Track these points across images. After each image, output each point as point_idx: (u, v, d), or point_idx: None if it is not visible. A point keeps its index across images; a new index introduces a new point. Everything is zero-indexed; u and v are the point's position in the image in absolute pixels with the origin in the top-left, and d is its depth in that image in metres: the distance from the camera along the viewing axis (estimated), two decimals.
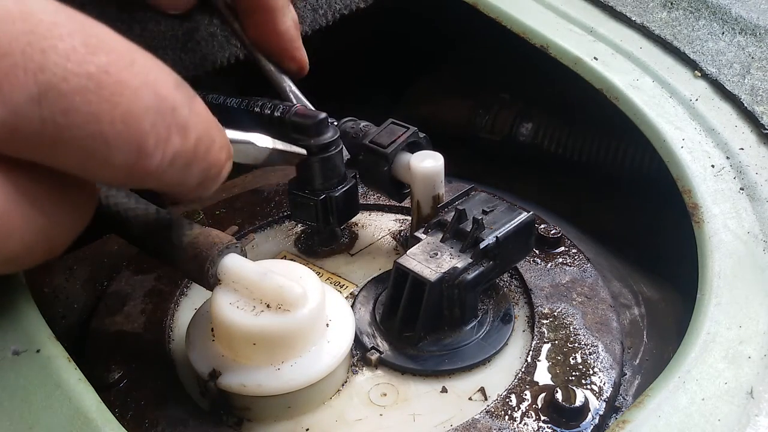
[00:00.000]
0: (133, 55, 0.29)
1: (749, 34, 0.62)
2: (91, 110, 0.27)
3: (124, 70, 0.28)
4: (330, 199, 0.50)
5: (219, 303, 0.39)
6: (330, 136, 0.48)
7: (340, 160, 0.50)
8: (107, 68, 0.27)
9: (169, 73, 0.31)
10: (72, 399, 0.34)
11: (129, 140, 0.28)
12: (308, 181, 0.49)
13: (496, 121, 0.73)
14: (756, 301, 0.41)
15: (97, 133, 0.27)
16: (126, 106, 0.28)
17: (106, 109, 0.27)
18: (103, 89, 0.27)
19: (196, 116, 0.32)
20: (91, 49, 0.27)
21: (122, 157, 0.29)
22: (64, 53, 0.26)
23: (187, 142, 0.31)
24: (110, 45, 0.28)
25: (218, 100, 0.53)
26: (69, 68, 0.26)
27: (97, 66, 0.27)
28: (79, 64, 0.26)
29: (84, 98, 0.27)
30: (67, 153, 0.28)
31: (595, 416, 0.40)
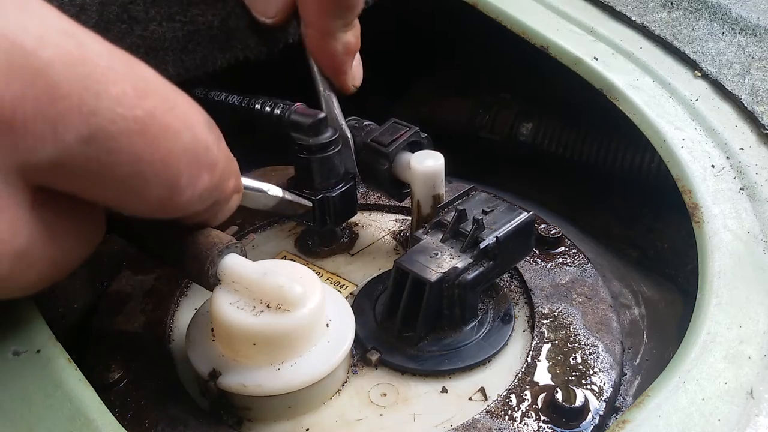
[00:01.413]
0: (175, 98, 0.31)
1: (749, 34, 0.62)
2: (135, 151, 0.28)
3: (167, 113, 0.29)
4: (327, 199, 0.50)
5: (219, 303, 0.39)
6: (329, 136, 0.48)
7: (339, 161, 0.50)
8: (153, 112, 0.29)
9: (201, 113, 0.33)
10: (72, 399, 0.34)
11: (165, 178, 0.30)
12: (306, 180, 0.49)
13: (497, 121, 0.73)
14: (756, 301, 0.41)
15: (138, 171, 0.29)
16: (166, 148, 0.30)
17: (148, 150, 0.29)
18: (147, 132, 0.29)
19: (222, 153, 0.34)
20: (140, 93, 0.28)
21: (156, 193, 0.30)
22: (115, 98, 0.27)
23: (214, 178, 0.33)
24: (156, 88, 0.30)
25: (219, 97, 0.53)
26: (119, 112, 0.27)
27: (144, 110, 0.28)
28: (128, 108, 0.28)
29: (129, 140, 0.28)
30: (105, 188, 0.30)
31: (595, 416, 0.40)
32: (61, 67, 0.26)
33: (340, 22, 0.50)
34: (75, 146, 0.27)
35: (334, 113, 0.52)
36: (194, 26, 0.54)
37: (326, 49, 0.51)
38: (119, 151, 0.28)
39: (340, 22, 0.50)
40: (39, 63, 0.25)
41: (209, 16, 0.54)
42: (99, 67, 0.27)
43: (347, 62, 0.52)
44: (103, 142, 0.27)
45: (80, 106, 0.26)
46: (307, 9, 0.50)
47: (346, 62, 0.52)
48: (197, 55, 0.54)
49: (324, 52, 0.51)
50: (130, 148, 0.28)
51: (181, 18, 0.53)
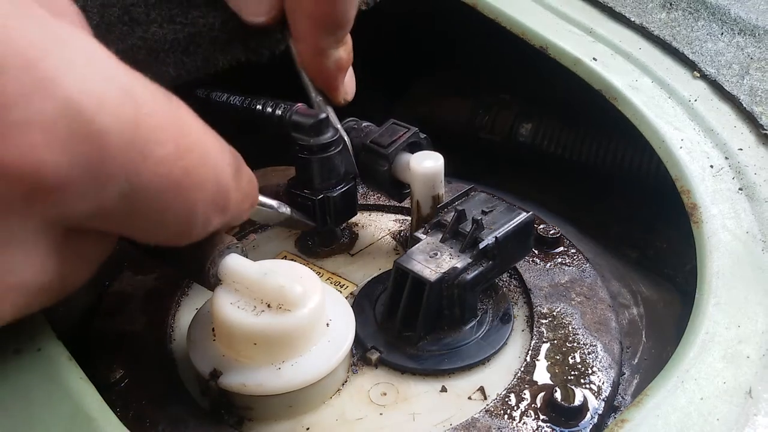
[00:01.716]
0: (210, 148, 0.32)
1: (748, 35, 0.62)
2: (164, 202, 0.30)
3: (200, 168, 0.31)
4: (328, 200, 0.50)
5: (220, 303, 0.39)
6: (330, 137, 0.49)
7: (340, 161, 0.50)
8: (189, 168, 0.30)
9: (229, 156, 0.34)
10: (73, 398, 0.34)
11: (184, 222, 0.32)
12: (307, 180, 0.50)
13: (496, 122, 0.73)
14: (755, 301, 0.42)
15: (162, 218, 0.31)
16: (193, 199, 0.31)
17: (176, 202, 0.30)
18: (180, 187, 0.30)
19: (240, 194, 0.36)
20: (181, 152, 0.29)
21: (170, 232, 0.32)
22: (160, 159, 0.28)
23: (226, 217, 0.35)
24: (195, 142, 0.31)
25: (221, 98, 0.54)
26: (159, 172, 0.28)
27: (181, 168, 0.29)
28: (168, 168, 0.29)
29: (162, 194, 0.29)
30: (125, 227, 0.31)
31: (594, 415, 0.40)
32: (116, 133, 0.26)
33: (332, 39, 0.50)
34: (112, 200, 0.28)
35: (330, 116, 0.52)
36: (195, 28, 0.54)
37: (318, 66, 0.51)
38: (150, 203, 0.29)
39: (331, 39, 0.50)
40: (96, 130, 0.26)
41: (210, 18, 0.54)
42: (149, 129, 0.28)
43: (339, 78, 0.52)
44: (139, 196, 0.28)
45: (126, 168, 0.27)
46: (298, 26, 0.49)
47: (338, 78, 0.52)
48: (198, 57, 0.54)
49: (316, 69, 0.51)
50: (161, 201, 0.29)
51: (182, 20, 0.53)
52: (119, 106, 0.26)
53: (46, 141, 0.24)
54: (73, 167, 0.25)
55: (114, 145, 0.26)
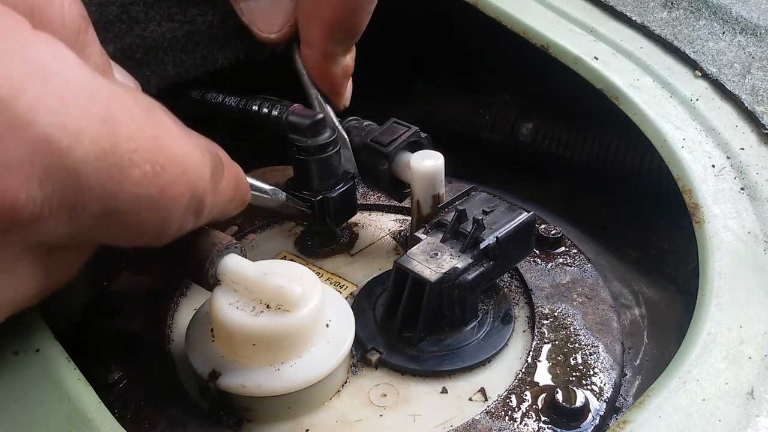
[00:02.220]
0: (188, 158, 0.31)
1: (750, 34, 0.62)
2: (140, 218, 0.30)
3: (176, 181, 0.30)
4: (327, 200, 0.50)
5: (219, 303, 0.39)
6: (327, 137, 0.48)
7: (338, 161, 0.50)
8: (165, 186, 0.29)
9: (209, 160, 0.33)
10: (71, 399, 0.34)
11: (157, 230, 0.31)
12: (306, 181, 0.49)
13: (497, 121, 0.73)
14: (756, 302, 0.41)
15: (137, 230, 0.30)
16: (166, 213, 0.31)
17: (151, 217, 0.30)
18: (156, 203, 0.30)
19: (217, 196, 0.35)
20: (158, 170, 0.29)
21: (145, 239, 0.32)
22: (135, 180, 0.28)
23: (201, 219, 0.34)
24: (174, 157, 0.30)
25: (216, 99, 0.53)
26: (135, 193, 0.28)
27: (158, 187, 0.29)
28: (144, 188, 0.29)
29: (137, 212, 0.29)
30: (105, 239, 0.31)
31: (596, 417, 0.40)
32: (92, 162, 0.26)
33: (342, 47, 0.50)
34: (89, 222, 0.28)
35: (329, 115, 0.52)
36: (194, 26, 0.54)
37: (325, 72, 0.51)
38: (126, 220, 0.29)
39: (341, 47, 0.50)
40: (72, 162, 0.26)
41: (209, 16, 0.54)
42: (126, 152, 0.27)
43: (344, 84, 0.52)
44: (114, 216, 0.28)
45: (102, 194, 0.27)
46: (310, 32, 0.49)
47: (343, 84, 0.52)
48: (197, 55, 0.54)
49: (323, 75, 0.51)
50: (137, 217, 0.29)
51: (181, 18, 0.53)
52: (96, 136, 0.26)
53: (21, 179, 0.25)
54: (49, 200, 0.26)
55: (90, 175, 0.26)
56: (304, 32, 0.50)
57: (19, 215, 0.25)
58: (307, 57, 0.51)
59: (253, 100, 0.51)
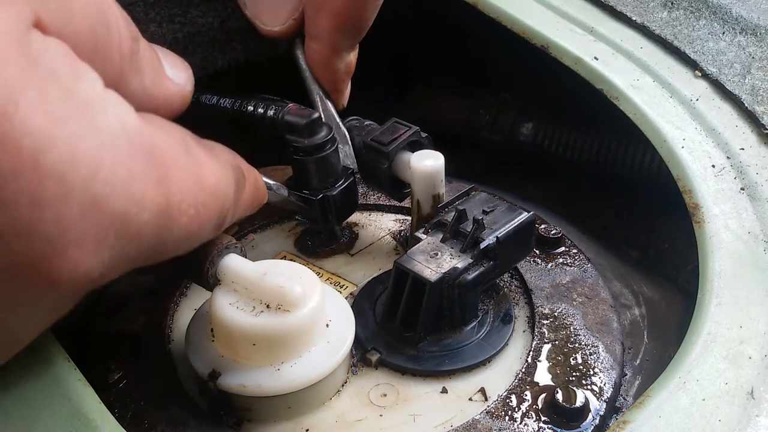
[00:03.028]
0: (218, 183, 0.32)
1: (750, 34, 0.62)
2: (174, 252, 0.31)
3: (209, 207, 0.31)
4: (328, 199, 0.49)
5: (219, 303, 0.39)
6: (324, 135, 0.48)
7: (336, 159, 0.49)
8: (203, 220, 0.31)
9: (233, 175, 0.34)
10: (71, 399, 0.34)
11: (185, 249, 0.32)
12: (305, 181, 0.49)
13: (497, 121, 0.73)
14: (756, 302, 0.41)
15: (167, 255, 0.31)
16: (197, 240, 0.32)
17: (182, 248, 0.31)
18: (193, 237, 0.31)
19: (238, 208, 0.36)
20: (200, 210, 0.30)
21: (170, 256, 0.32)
22: (183, 225, 0.29)
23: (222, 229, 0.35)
24: (210, 191, 0.31)
25: (211, 100, 0.53)
26: (181, 234, 0.30)
27: (198, 224, 0.30)
28: (188, 230, 0.30)
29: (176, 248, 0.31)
30: None
31: (596, 417, 0.40)
32: (152, 222, 0.27)
33: (349, 42, 0.50)
34: (138, 263, 0.29)
35: (329, 111, 0.52)
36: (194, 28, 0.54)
37: (329, 67, 0.51)
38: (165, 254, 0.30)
39: (348, 42, 0.50)
40: (137, 227, 0.27)
41: (209, 18, 0.54)
42: (176, 204, 0.29)
43: (346, 82, 0.52)
44: (158, 254, 0.30)
45: (156, 244, 0.28)
46: (318, 25, 0.49)
47: (345, 82, 0.52)
48: (197, 57, 0.54)
49: (327, 70, 0.51)
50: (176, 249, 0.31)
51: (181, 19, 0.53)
52: (155, 198, 0.27)
53: (95, 249, 0.26)
54: (113, 260, 0.27)
55: (149, 233, 0.28)
56: (311, 25, 0.50)
57: (90, 279, 0.26)
58: (313, 51, 0.51)
59: (248, 101, 0.51)
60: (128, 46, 0.31)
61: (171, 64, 0.37)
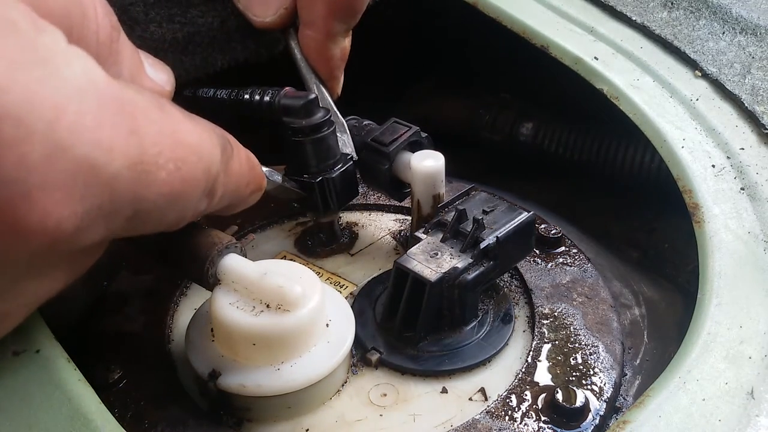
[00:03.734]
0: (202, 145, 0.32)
1: (750, 34, 0.62)
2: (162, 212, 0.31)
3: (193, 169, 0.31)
4: (327, 181, 0.49)
5: (219, 303, 0.39)
6: (321, 116, 0.48)
7: (334, 141, 0.49)
8: (185, 177, 0.30)
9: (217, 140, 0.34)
10: (71, 399, 0.34)
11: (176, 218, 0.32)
12: (303, 164, 0.49)
13: (497, 121, 0.73)
14: (756, 301, 0.41)
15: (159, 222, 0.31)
16: (186, 201, 0.32)
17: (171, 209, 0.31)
18: (177, 197, 0.30)
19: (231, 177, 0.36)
20: (180, 165, 0.30)
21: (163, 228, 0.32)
22: (162, 181, 0.29)
23: (214, 201, 0.35)
24: (190, 148, 0.31)
25: (208, 93, 0.53)
26: (161, 191, 0.29)
27: (180, 180, 0.30)
28: (170, 186, 0.30)
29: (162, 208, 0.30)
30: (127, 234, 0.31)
31: (596, 417, 0.40)
32: (125, 174, 0.27)
33: (344, 26, 0.50)
34: (120, 224, 0.29)
35: (326, 99, 0.51)
36: (194, 27, 0.54)
37: (324, 53, 0.51)
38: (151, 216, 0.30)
39: (343, 27, 0.50)
40: (107, 177, 0.27)
41: (209, 18, 0.54)
42: (152, 158, 0.29)
43: (341, 68, 0.53)
44: (142, 215, 0.29)
45: (132, 199, 0.28)
46: (312, 10, 0.49)
47: (340, 68, 0.52)
48: (197, 57, 0.54)
49: (322, 56, 0.51)
50: (161, 211, 0.30)
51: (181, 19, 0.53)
52: (126, 148, 0.27)
53: (64, 198, 0.26)
54: (88, 213, 0.27)
55: (123, 184, 0.27)
56: (306, 12, 0.50)
57: (63, 231, 0.26)
58: (308, 37, 0.51)
59: (244, 90, 0.51)
60: (107, 34, 0.32)
61: (151, 64, 0.38)
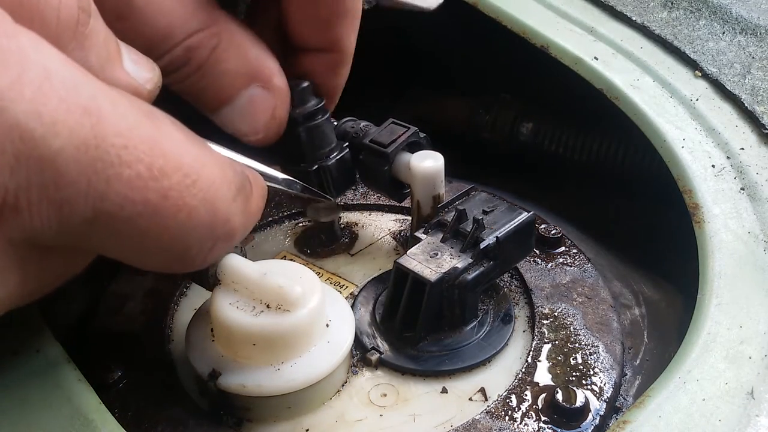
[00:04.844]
0: (200, 170, 0.29)
1: (750, 34, 0.62)
2: (140, 230, 0.28)
3: (184, 192, 0.28)
4: (323, 169, 0.48)
5: (219, 303, 0.39)
6: (315, 104, 0.47)
7: (330, 130, 0.49)
8: (167, 193, 0.28)
9: (232, 177, 0.31)
10: (71, 399, 0.34)
11: (172, 251, 0.29)
12: (298, 155, 0.48)
13: (497, 121, 0.73)
14: (757, 301, 0.41)
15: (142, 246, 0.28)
16: (176, 227, 0.28)
17: (155, 230, 0.28)
18: (157, 214, 0.27)
19: (248, 217, 0.33)
20: (156, 174, 0.27)
21: (161, 259, 0.30)
22: (127, 181, 0.26)
23: (232, 243, 0.32)
24: (177, 163, 0.28)
25: None
26: (128, 196, 0.26)
27: (157, 192, 0.27)
28: (139, 192, 0.27)
29: (135, 223, 0.27)
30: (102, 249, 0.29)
31: (596, 417, 0.40)
32: (72, 154, 0.25)
33: None
34: (78, 226, 0.26)
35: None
36: None
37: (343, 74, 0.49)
38: (122, 228, 0.27)
39: None
40: (47, 152, 0.24)
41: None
42: (114, 148, 0.26)
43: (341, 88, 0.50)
44: (108, 224, 0.27)
45: (87, 192, 0.26)
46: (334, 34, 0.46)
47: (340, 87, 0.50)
48: None
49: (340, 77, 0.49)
50: (135, 226, 0.28)
51: None
52: (76, 125, 0.25)
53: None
54: (25, 191, 0.25)
55: (70, 168, 0.25)
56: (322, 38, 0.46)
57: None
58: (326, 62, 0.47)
59: None
60: (71, 14, 0.29)
61: (134, 59, 0.34)
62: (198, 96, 0.41)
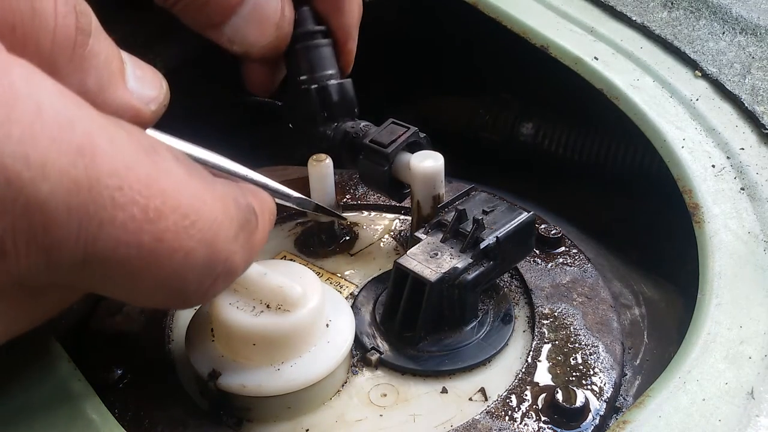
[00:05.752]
0: (199, 209, 0.28)
1: (750, 34, 0.62)
2: (133, 272, 0.26)
3: (181, 233, 0.27)
4: (324, 89, 0.47)
5: (219, 303, 0.39)
6: (314, 26, 0.47)
7: (331, 56, 0.48)
8: (162, 235, 0.26)
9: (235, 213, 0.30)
10: (72, 399, 0.34)
11: (167, 291, 0.28)
12: (297, 74, 0.47)
13: (497, 121, 0.73)
14: (756, 301, 0.41)
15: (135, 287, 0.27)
16: (172, 269, 0.27)
17: (149, 273, 0.27)
18: (151, 257, 0.26)
19: (252, 250, 0.32)
20: (151, 216, 0.26)
21: (158, 299, 0.29)
22: (121, 225, 0.25)
23: (234, 279, 0.31)
24: (174, 203, 0.27)
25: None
26: (121, 239, 0.25)
27: (151, 235, 0.26)
28: (133, 234, 0.25)
29: (128, 265, 0.26)
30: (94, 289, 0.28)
31: (596, 417, 0.40)
32: (62, 197, 0.23)
33: None
34: (69, 268, 0.25)
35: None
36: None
37: None
38: (114, 271, 0.26)
39: None
40: (35, 196, 0.23)
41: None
42: (108, 190, 0.24)
43: None
44: (99, 266, 0.26)
45: (78, 236, 0.24)
46: None
47: None
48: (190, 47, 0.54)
49: None
50: (129, 269, 0.26)
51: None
52: (66, 168, 0.23)
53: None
54: (11, 235, 0.23)
55: (60, 212, 0.24)
56: None
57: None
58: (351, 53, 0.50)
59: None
60: (68, 37, 0.27)
61: (139, 76, 0.32)
62: (203, 9, 0.40)
